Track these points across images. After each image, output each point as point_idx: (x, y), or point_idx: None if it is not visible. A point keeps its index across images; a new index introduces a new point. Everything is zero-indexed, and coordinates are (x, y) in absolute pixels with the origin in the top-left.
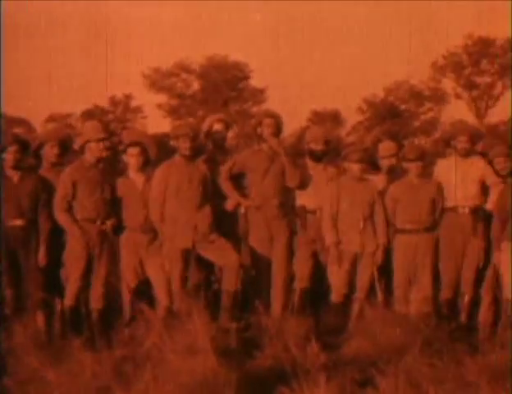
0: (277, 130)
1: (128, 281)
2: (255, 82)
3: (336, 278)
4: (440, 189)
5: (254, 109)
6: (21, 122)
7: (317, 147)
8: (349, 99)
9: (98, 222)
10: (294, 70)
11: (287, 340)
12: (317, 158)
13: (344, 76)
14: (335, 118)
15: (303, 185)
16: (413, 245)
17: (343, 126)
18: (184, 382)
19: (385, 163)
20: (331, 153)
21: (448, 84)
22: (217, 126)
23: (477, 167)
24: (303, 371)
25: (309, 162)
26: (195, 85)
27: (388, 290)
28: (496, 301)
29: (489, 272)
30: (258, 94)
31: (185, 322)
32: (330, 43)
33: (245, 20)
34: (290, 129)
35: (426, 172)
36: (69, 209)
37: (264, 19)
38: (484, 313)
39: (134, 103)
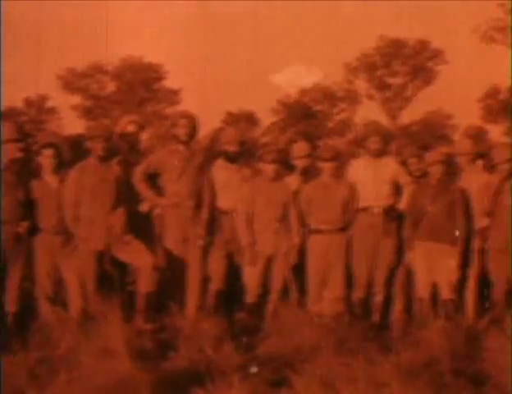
0: (192, 131)
1: (43, 283)
2: (170, 83)
3: (250, 279)
4: (353, 189)
5: (169, 110)
6: None
7: (231, 148)
8: (264, 100)
9: (13, 224)
10: (209, 71)
11: (202, 341)
12: (232, 159)
13: (258, 77)
14: (249, 119)
15: None
16: (327, 245)
17: (257, 127)
18: (99, 385)
19: (299, 164)
20: (245, 154)
21: (361, 85)
22: (131, 128)
23: (389, 168)
24: (217, 372)
25: (224, 164)
26: (110, 86)
27: (302, 291)
28: (409, 300)
29: (401, 272)
30: (173, 95)
31: (100, 325)
32: (243, 44)
33: (159, 21)
34: (205, 130)
35: (339, 173)
36: None
37: (178, 20)
38: (397, 313)
39: (49, 104)
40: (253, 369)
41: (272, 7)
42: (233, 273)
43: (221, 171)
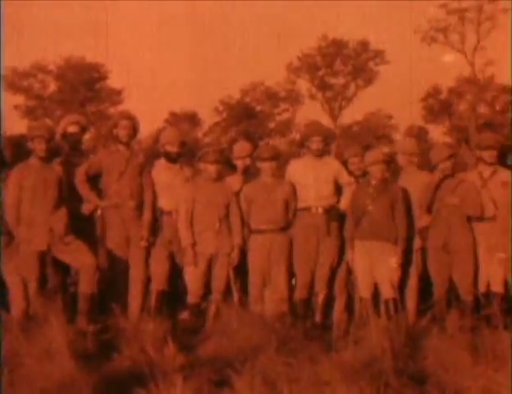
0: (133, 131)
1: None
2: (112, 83)
3: (192, 279)
4: (293, 189)
5: (112, 110)
6: None
7: (172, 148)
8: (206, 100)
9: None
10: (152, 71)
11: (144, 341)
12: (173, 159)
13: (201, 77)
14: (191, 119)
15: None
16: (268, 245)
17: (200, 127)
18: (41, 387)
19: (240, 164)
20: (187, 154)
21: (303, 85)
22: (73, 128)
23: (330, 167)
24: (160, 372)
25: (165, 164)
26: (52, 86)
27: (244, 291)
28: (350, 299)
29: (342, 271)
30: (116, 95)
31: (42, 326)
32: (186, 44)
33: (102, 22)
34: (148, 130)
35: (280, 172)
36: None
37: (121, 20)
38: (338, 312)
39: None
40: None
41: (210, 7)
42: (175, 274)
43: (162, 172)
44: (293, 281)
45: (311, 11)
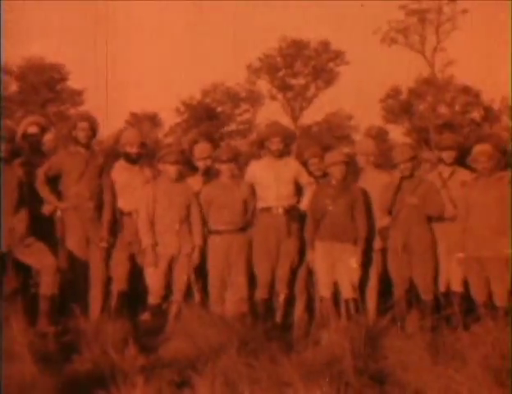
0: (92, 132)
1: None
2: (73, 84)
3: (152, 280)
4: (252, 189)
5: (72, 111)
6: None
7: (132, 149)
8: (167, 101)
9: None
10: (113, 71)
11: (105, 343)
12: (133, 160)
13: (162, 78)
14: (152, 120)
15: None
16: (228, 246)
17: (161, 128)
18: (2, 388)
19: (201, 165)
20: (147, 155)
21: (263, 85)
22: (33, 129)
23: (290, 168)
24: (121, 373)
25: (125, 165)
26: (13, 87)
27: (205, 292)
28: (310, 300)
29: (303, 271)
30: (76, 96)
31: (3, 328)
32: (148, 44)
33: (62, 22)
34: (109, 131)
35: (240, 173)
36: None
37: (81, 20)
38: (299, 312)
39: None
40: None
41: (175, 7)
42: (136, 275)
43: (122, 173)
44: None
45: (271, 11)
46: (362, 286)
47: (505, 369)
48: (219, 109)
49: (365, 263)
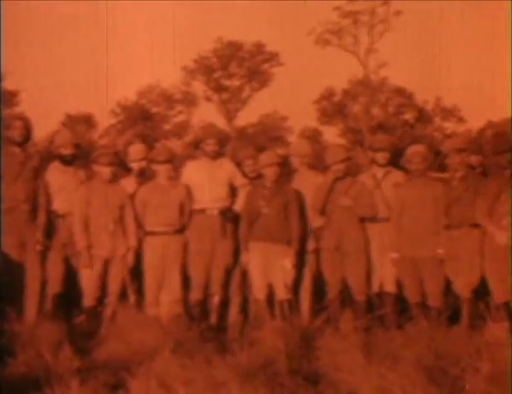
0: (26, 132)
1: None
2: (8, 85)
3: (87, 282)
4: (188, 191)
5: (7, 112)
6: None
7: (66, 151)
8: (102, 102)
9: None
10: (48, 72)
11: (40, 346)
12: (67, 161)
13: (97, 79)
14: (87, 121)
15: None
16: (163, 248)
17: (96, 129)
18: None
19: (135, 166)
20: (81, 156)
21: (198, 87)
22: None
23: (225, 169)
24: (56, 376)
25: (59, 166)
26: None
27: (140, 293)
28: (245, 301)
29: (237, 273)
30: (11, 97)
31: None
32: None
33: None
34: (44, 132)
35: (175, 174)
36: None
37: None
38: (233, 314)
39: None
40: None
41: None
42: (71, 277)
43: (56, 174)
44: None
45: (207, 12)
46: (296, 287)
47: (438, 368)
48: (154, 110)
49: (299, 264)
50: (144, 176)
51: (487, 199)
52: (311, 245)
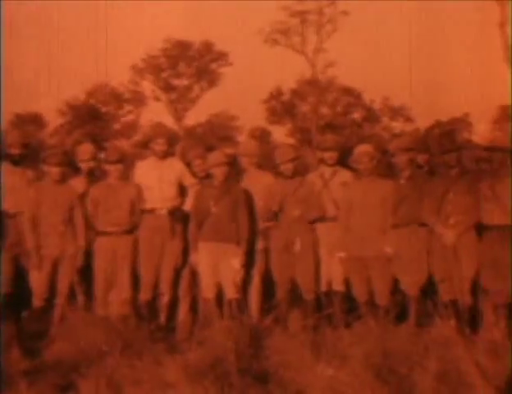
0: None
1: None
2: None
3: (36, 282)
4: (139, 191)
5: None
6: None
7: (15, 151)
8: (52, 102)
9: None
10: None
11: None
12: (16, 161)
13: (46, 78)
14: (36, 120)
15: None
16: (113, 248)
17: (45, 129)
18: None
19: (84, 166)
20: (30, 156)
21: (147, 86)
22: None
23: (174, 169)
24: (4, 377)
25: (8, 167)
26: None
27: (89, 294)
28: (194, 301)
29: (186, 273)
30: None
31: None
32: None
33: None
34: None
35: (125, 175)
36: None
37: None
38: (183, 313)
39: None
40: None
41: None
42: (20, 277)
43: (5, 174)
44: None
45: (156, 11)
46: (245, 286)
47: (386, 367)
48: (103, 110)
49: (248, 264)
50: (94, 175)
51: (434, 198)
52: (260, 244)
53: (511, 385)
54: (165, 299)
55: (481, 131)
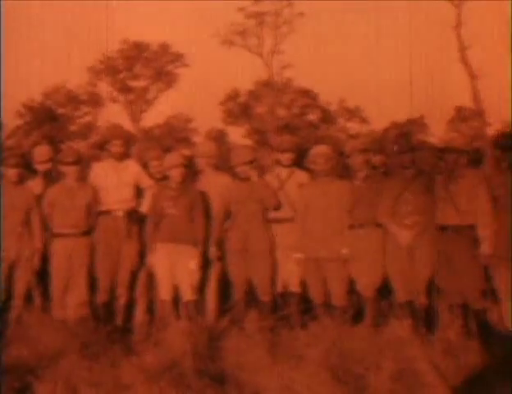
0: None
1: None
2: None
3: None
4: (95, 192)
5: None
6: None
7: None
8: (9, 103)
9: None
10: None
11: None
12: None
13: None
14: None
15: None
16: (70, 250)
17: (2, 131)
18: None
19: (40, 168)
20: None
21: (104, 88)
22: None
23: (131, 171)
24: None
25: None
26: None
27: (46, 296)
28: (151, 302)
29: (143, 274)
30: None
31: None
32: None
33: None
34: None
35: (82, 176)
36: None
37: None
38: (139, 315)
39: None
40: None
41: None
42: None
43: None
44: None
45: (113, 12)
46: (202, 287)
47: (342, 367)
48: (60, 111)
49: (205, 265)
50: (51, 177)
51: (390, 198)
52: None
53: (467, 384)
54: (122, 300)
55: (437, 132)
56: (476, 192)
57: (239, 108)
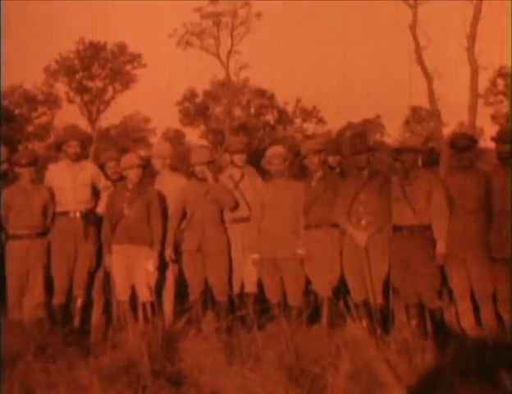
0: None
1: None
2: None
3: None
4: (51, 193)
5: None
6: None
7: None
8: None
9: None
10: None
11: None
12: None
13: None
14: None
15: None
16: (26, 251)
17: None
18: None
19: None
20: None
21: (61, 88)
22: None
23: (87, 171)
24: None
25: None
26: None
27: (2, 297)
28: (108, 304)
29: (100, 275)
30: None
31: None
32: None
33: None
34: None
35: (39, 177)
36: None
37: None
38: (96, 316)
39: None
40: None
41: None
42: None
43: None
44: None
45: (69, 13)
46: (158, 288)
47: (298, 368)
48: (17, 112)
49: (161, 266)
50: (7, 178)
51: (346, 199)
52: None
53: (422, 384)
54: (78, 302)
55: (393, 133)
56: (431, 192)
57: (195, 109)
